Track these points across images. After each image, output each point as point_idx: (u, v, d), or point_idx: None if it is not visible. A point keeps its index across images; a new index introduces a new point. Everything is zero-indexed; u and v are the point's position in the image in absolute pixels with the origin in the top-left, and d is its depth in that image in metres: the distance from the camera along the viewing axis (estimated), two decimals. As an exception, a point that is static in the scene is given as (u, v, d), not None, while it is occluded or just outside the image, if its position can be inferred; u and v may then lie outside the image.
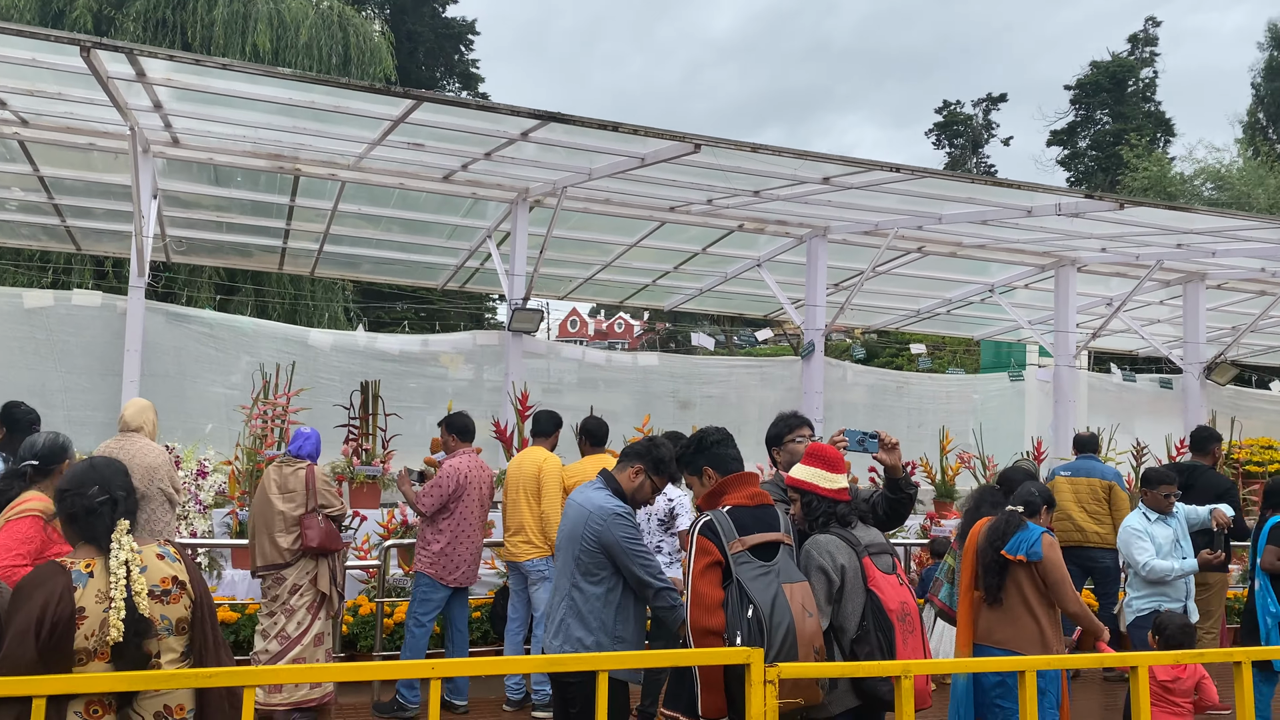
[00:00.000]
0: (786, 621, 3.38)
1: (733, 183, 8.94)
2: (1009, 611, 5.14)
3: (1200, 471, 7.71)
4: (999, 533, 5.29)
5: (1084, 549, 8.24)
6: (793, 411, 5.03)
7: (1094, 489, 8.36)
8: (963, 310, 15.09)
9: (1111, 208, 8.31)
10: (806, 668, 3.33)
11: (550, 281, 14.11)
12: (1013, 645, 5.15)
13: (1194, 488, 7.56)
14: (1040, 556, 5.10)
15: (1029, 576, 5.12)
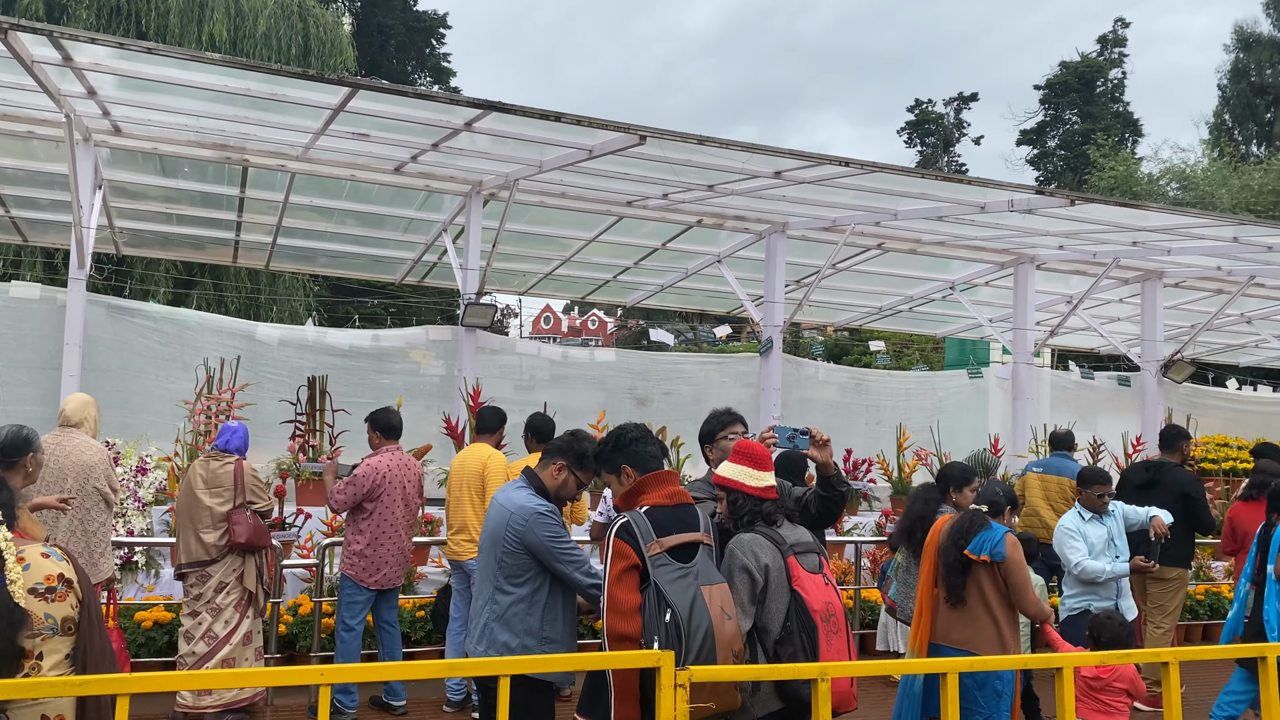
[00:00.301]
0: (705, 625, 3.28)
1: (686, 177, 8.84)
2: (969, 612, 5.05)
3: (1167, 468, 7.68)
4: (962, 532, 5.19)
5: (1050, 546, 8.21)
6: (726, 408, 4.94)
7: (1063, 488, 8.35)
8: (925, 308, 15.10)
9: (1063, 203, 8.29)
10: (719, 671, 3.24)
11: (510, 276, 13.97)
12: (971, 646, 5.07)
13: (1160, 484, 7.54)
14: (1004, 557, 5.02)
15: (990, 577, 5.03)
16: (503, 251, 12.70)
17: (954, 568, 5.08)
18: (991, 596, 5.02)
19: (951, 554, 5.12)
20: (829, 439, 4.49)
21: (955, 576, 5.07)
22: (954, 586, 5.06)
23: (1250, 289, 13.33)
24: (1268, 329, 15.13)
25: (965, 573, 5.03)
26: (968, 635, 5.05)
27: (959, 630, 5.10)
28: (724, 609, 3.36)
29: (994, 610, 4.99)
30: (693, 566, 3.41)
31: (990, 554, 5.00)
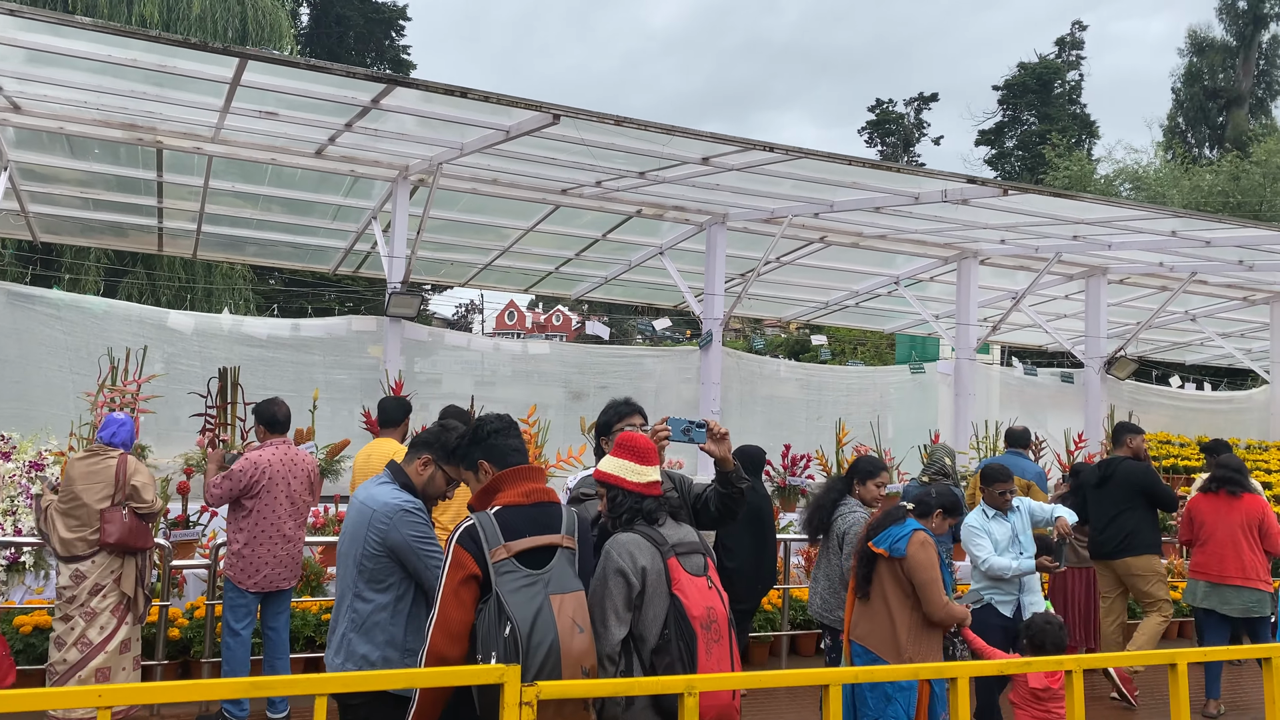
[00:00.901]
0: (549, 640, 2.96)
1: (615, 162, 8.57)
2: (870, 607, 4.99)
3: (1118, 463, 7.65)
4: (875, 525, 5.10)
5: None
6: (624, 399, 4.65)
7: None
8: (871, 303, 14.94)
9: (995, 193, 8.11)
10: (570, 687, 2.94)
11: (450, 267, 13.62)
12: (868, 643, 4.97)
13: (1113, 478, 7.54)
14: (902, 554, 4.89)
15: (891, 573, 4.92)
16: (439, 241, 12.40)
17: (861, 560, 5.02)
18: (891, 594, 4.89)
19: (860, 546, 5.06)
20: (727, 432, 4.21)
21: (861, 569, 5.02)
22: (860, 579, 5.01)
23: (1194, 286, 13.32)
24: (1212, 327, 15.15)
25: (870, 566, 4.95)
26: (866, 631, 4.97)
27: (861, 625, 5.02)
28: (575, 621, 3.04)
29: (892, 608, 4.87)
30: (543, 573, 3.09)
31: (889, 549, 4.88)
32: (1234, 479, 7.08)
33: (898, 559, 4.91)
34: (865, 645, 4.93)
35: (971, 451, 11.46)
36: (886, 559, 4.95)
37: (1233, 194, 29.42)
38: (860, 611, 5.03)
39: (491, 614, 2.97)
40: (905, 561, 4.88)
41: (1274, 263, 11.16)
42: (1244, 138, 36.67)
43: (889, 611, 4.90)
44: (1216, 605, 7.01)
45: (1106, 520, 7.51)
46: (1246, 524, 6.96)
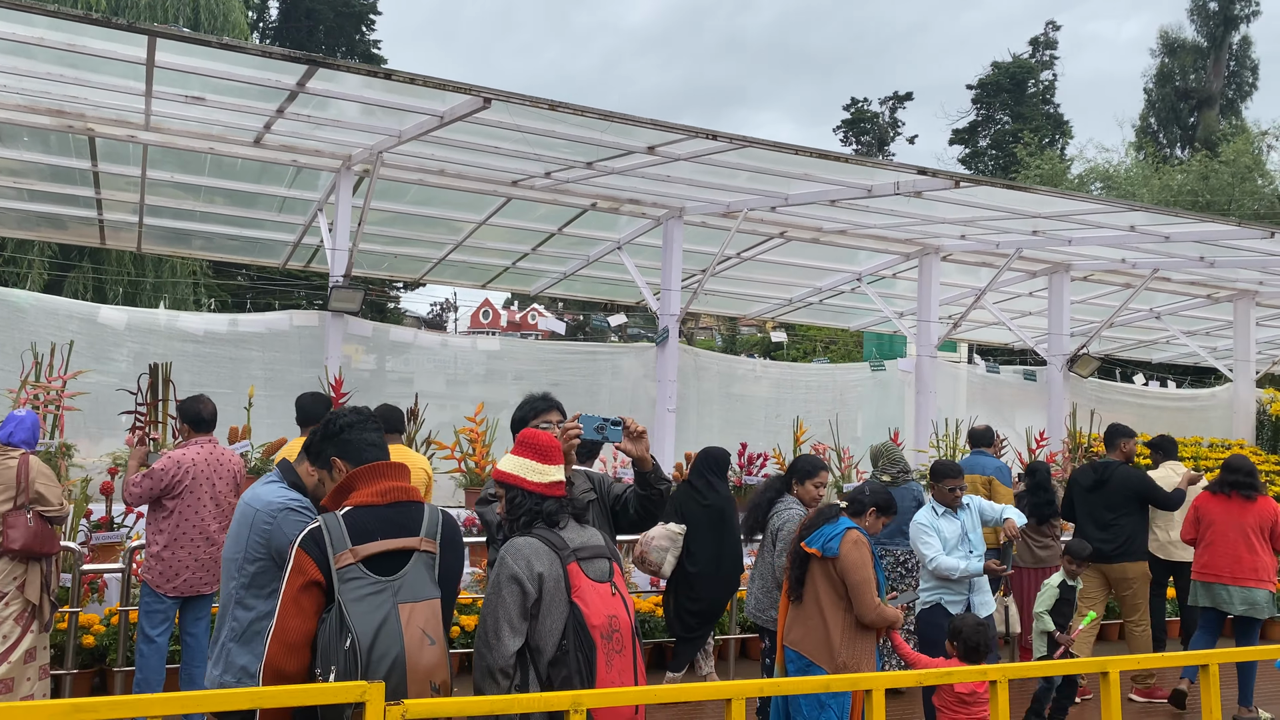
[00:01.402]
0: (393, 653, 2.70)
1: (560, 151, 8.32)
2: (804, 610, 4.82)
3: (1114, 468, 7.55)
4: (808, 525, 4.95)
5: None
6: (542, 394, 4.42)
7: (975, 486, 8.02)
8: (835, 300, 14.76)
9: (947, 185, 7.92)
10: (440, 705, 2.69)
11: (404, 262, 13.31)
12: (802, 648, 4.80)
13: (1109, 483, 7.46)
14: (835, 553, 4.74)
15: (824, 574, 4.76)
16: (390, 234, 12.11)
17: (794, 561, 4.88)
18: (825, 596, 4.73)
19: (794, 546, 4.91)
20: (645, 430, 3.98)
21: (794, 570, 4.87)
22: (793, 580, 4.86)
23: (1158, 284, 13.22)
24: (1176, 325, 15.07)
25: (804, 567, 4.80)
26: (799, 635, 4.80)
27: (795, 629, 4.84)
28: (426, 632, 2.78)
29: (825, 611, 4.71)
30: (394, 580, 2.82)
31: (821, 548, 4.73)
32: (1247, 483, 7.01)
33: (830, 559, 4.72)
34: (799, 650, 4.75)
35: (931, 450, 11.29)
36: (819, 559, 4.77)
37: (1202, 193, 29.52)
38: (794, 615, 4.85)
39: (333, 625, 2.71)
40: (838, 561, 4.71)
41: (1235, 259, 11.05)
42: (1214, 138, 36.87)
43: (822, 614, 4.73)
44: (1221, 605, 6.94)
45: (1102, 524, 7.39)
46: (1259, 526, 6.91)
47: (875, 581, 4.76)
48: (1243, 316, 13.68)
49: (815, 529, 4.86)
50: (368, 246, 12.43)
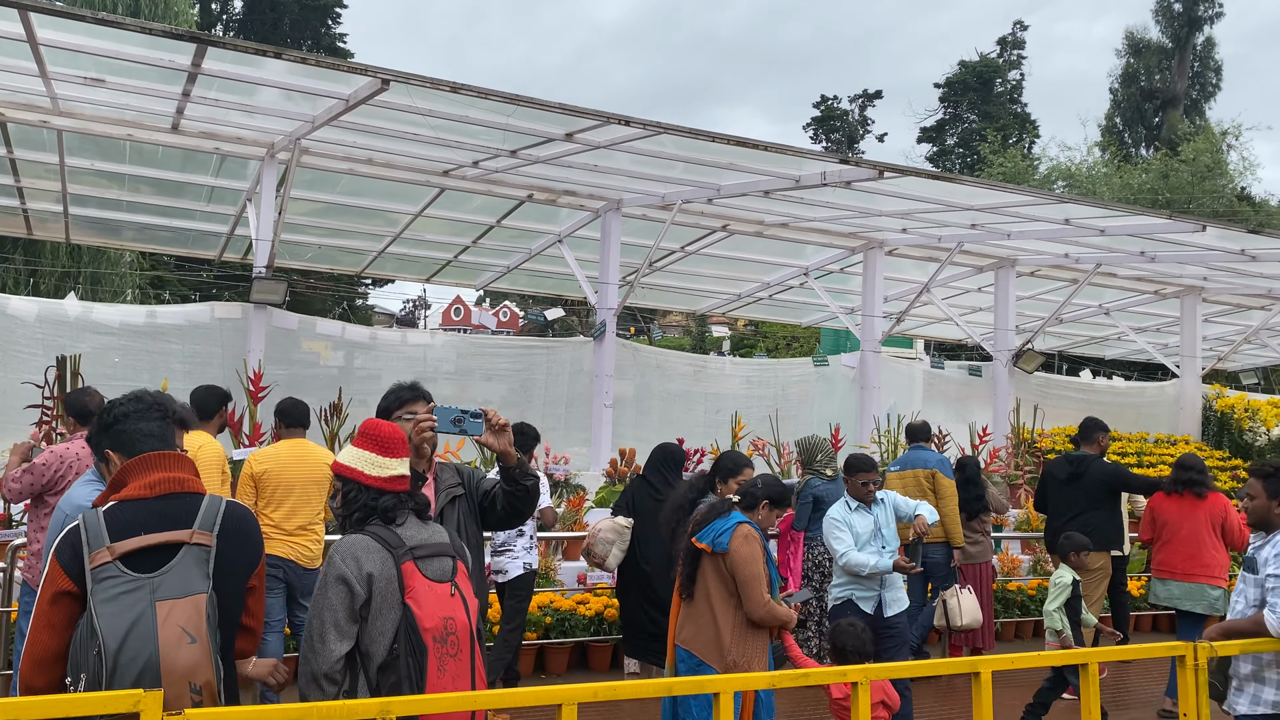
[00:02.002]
0: (145, 654, 2.48)
1: (481, 139, 8.13)
2: (695, 608, 4.64)
3: (1089, 461, 7.58)
4: (700, 520, 4.76)
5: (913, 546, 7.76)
6: (410, 383, 4.19)
7: (918, 480, 7.85)
8: (784, 295, 14.66)
9: (871, 175, 7.80)
10: (223, 714, 2.50)
11: (341, 254, 13.07)
12: (693, 647, 4.62)
13: (1084, 476, 7.49)
14: (725, 548, 4.56)
15: (715, 570, 4.59)
16: (326, 226, 11.87)
17: (685, 558, 4.71)
18: (715, 593, 4.56)
19: (685, 543, 4.74)
20: (507, 423, 3.79)
21: (685, 567, 4.69)
22: (684, 578, 4.68)
23: (1105, 280, 13.20)
24: (1125, 321, 15.08)
25: (695, 564, 4.63)
26: (690, 634, 4.63)
27: (686, 628, 4.67)
28: (185, 630, 2.56)
29: (715, 608, 4.54)
30: (154, 577, 2.60)
31: (712, 543, 4.55)
32: (1199, 480, 7.04)
33: (721, 554, 4.56)
34: (689, 649, 4.59)
35: (873, 446, 11.20)
36: (710, 554, 4.61)
37: (1162, 192, 29.73)
38: (685, 613, 4.68)
39: (84, 630, 2.51)
40: (728, 556, 4.55)
41: (1175, 254, 11.03)
42: (1175, 137, 37.15)
43: (712, 612, 4.57)
44: (1179, 603, 6.93)
45: (1070, 516, 7.41)
46: (1211, 522, 6.96)
47: (766, 578, 4.61)
48: (1189, 312, 13.69)
49: (707, 524, 4.71)
50: (304, 239, 12.22)
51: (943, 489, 7.76)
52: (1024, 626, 9.58)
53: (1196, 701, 3.72)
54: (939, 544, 7.70)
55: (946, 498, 7.68)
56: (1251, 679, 4.18)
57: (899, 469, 8.08)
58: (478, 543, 3.98)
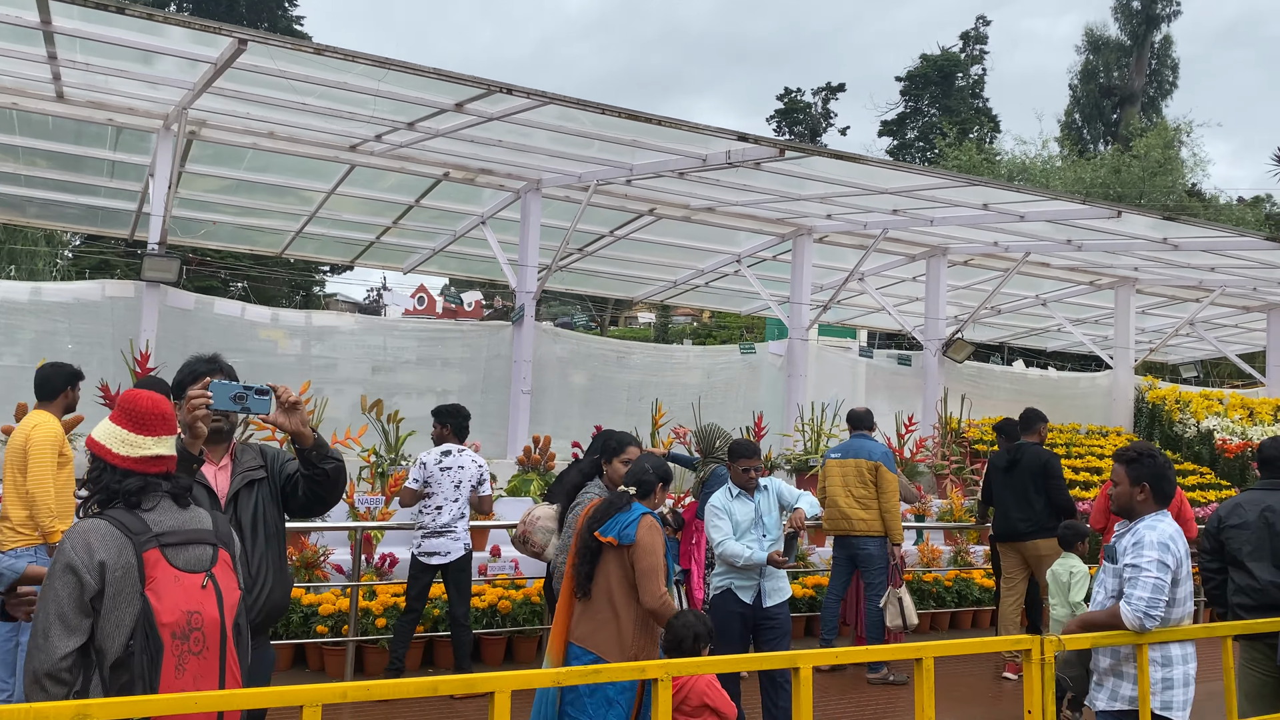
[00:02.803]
0: None
1: (369, 108, 7.80)
2: (593, 605, 4.38)
3: (1026, 448, 7.60)
4: (600, 514, 4.49)
5: (850, 537, 7.59)
6: (210, 355, 3.85)
7: (860, 471, 7.64)
8: (721, 283, 14.45)
9: (772, 153, 7.57)
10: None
11: (259, 234, 12.67)
12: (591, 644, 4.37)
13: (1020, 463, 7.51)
14: (632, 540, 4.32)
15: (619, 564, 4.35)
16: (238, 204, 11.48)
17: (584, 554, 4.41)
18: (618, 587, 4.33)
19: (585, 538, 4.43)
20: (299, 400, 3.47)
21: (584, 564, 4.39)
22: (581, 576, 4.38)
23: (1041, 270, 13.11)
24: (1063, 312, 15.02)
25: (595, 561, 4.36)
26: (588, 631, 4.37)
27: (583, 626, 4.41)
28: None
29: (616, 603, 4.30)
30: None
31: (618, 536, 4.31)
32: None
33: (627, 546, 4.33)
34: (587, 647, 4.33)
35: (796, 435, 11.01)
36: (616, 548, 4.36)
37: (1113, 186, 29.88)
38: (581, 611, 4.40)
39: None
40: (634, 548, 4.32)
41: (1101, 243, 10.92)
42: (1129, 133, 37.42)
43: (614, 606, 4.33)
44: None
45: (1014, 503, 7.46)
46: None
47: (665, 569, 4.41)
48: (1123, 303, 13.64)
49: (609, 518, 4.46)
50: (218, 217, 11.82)
51: (885, 483, 7.54)
52: (941, 618, 9.44)
53: (1042, 698, 3.53)
54: (877, 538, 7.50)
55: (888, 493, 7.49)
56: (1110, 673, 4.00)
57: (840, 456, 7.86)
58: (278, 530, 3.66)
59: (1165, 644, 3.89)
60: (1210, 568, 5.05)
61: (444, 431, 6.64)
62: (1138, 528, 3.97)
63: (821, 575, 9.18)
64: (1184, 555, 3.91)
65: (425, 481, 6.40)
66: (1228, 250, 10.57)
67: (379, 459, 8.76)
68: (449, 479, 6.47)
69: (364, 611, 7.03)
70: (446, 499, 6.45)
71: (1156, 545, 3.85)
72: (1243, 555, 4.86)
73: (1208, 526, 5.08)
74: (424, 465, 6.43)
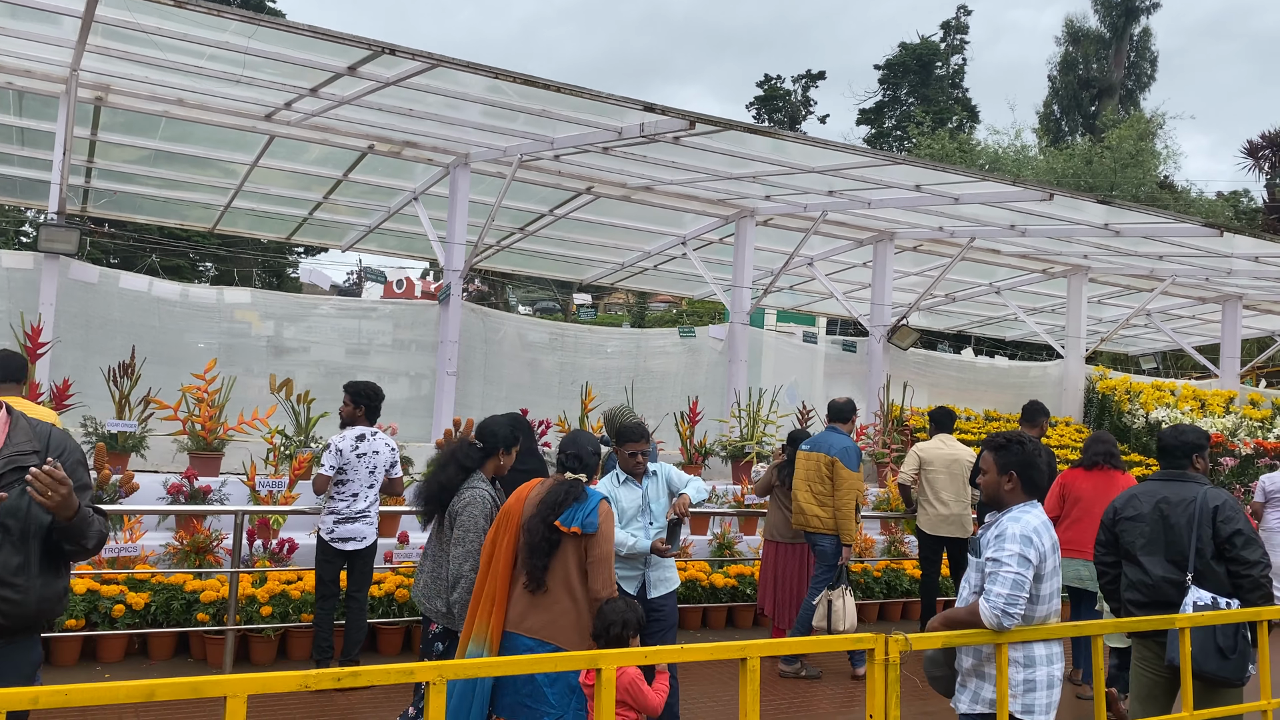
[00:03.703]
0: None
1: (266, 73, 7.45)
2: (549, 596, 4.18)
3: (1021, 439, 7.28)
4: (554, 503, 4.22)
5: (807, 533, 7.34)
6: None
7: (819, 466, 7.31)
8: (669, 265, 14.16)
9: (683, 126, 7.27)
10: None
11: (188, 208, 12.28)
12: (548, 635, 4.16)
13: None
14: (595, 528, 4.19)
15: (577, 553, 4.20)
16: (161, 176, 11.08)
17: (540, 547, 4.15)
18: (575, 575, 4.19)
19: (540, 530, 4.15)
20: (63, 479, 3.01)
21: (540, 557, 4.13)
22: (536, 569, 4.12)
23: (990, 258, 12.88)
24: (1017, 300, 14.81)
25: (552, 552, 4.14)
26: (542, 622, 4.15)
27: (534, 617, 4.18)
28: None
29: (575, 591, 4.15)
30: None
31: (583, 525, 4.13)
32: (1115, 453, 6.82)
33: (590, 535, 4.17)
34: (542, 638, 4.14)
35: (732, 421, 10.76)
36: (577, 537, 4.17)
37: (1084, 177, 29.71)
38: (531, 603, 4.17)
39: None
40: (594, 537, 4.18)
41: (1043, 228, 10.69)
42: (1101, 125, 37.30)
43: (572, 596, 4.17)
44: (1083, 582, 6.67)
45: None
46: None
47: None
48: (1075, 292, 13.43)
49: (565, 508, 4.22)
50: (141, 190, 11.44)
51: (840, 480, 7.15)
52: (868, 609, 9.21)
53: (885, 700, 3.27)
54: (832, 535, 7.18)
55: (843, 490, 7.12)
56: (972, 674, 3.75)
57: (808, 449, 7.49)
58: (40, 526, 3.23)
59: (1029, 644, 3.63)
60: (1105, 561, 4.81)
61: (357, 412, 6.33)
62: (1002, 519, 3.71)
63: (747, 565, 8.95)
64: (1049, 549, 3.65)
65: (341, 468, 6.13)
66: (1169, 237, 10.35)
67: (287, 441, 8.44)
68: (364, 465, 6.23)
69: (249, 599, 6.73)
70: (362, 485, 6.22)
71: (1019, 538, 3.59)
72: (1136, 549, 4.63)
73: (1103, 518, 4.83)
74: (340, 452, 6.15)
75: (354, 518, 6.19)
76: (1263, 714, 4.29)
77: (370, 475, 6.25)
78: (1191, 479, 4.66)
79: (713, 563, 9.03)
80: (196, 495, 7.61)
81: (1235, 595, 4.40)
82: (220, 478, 8.00)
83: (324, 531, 6.18)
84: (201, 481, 7.76)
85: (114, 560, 6.84)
